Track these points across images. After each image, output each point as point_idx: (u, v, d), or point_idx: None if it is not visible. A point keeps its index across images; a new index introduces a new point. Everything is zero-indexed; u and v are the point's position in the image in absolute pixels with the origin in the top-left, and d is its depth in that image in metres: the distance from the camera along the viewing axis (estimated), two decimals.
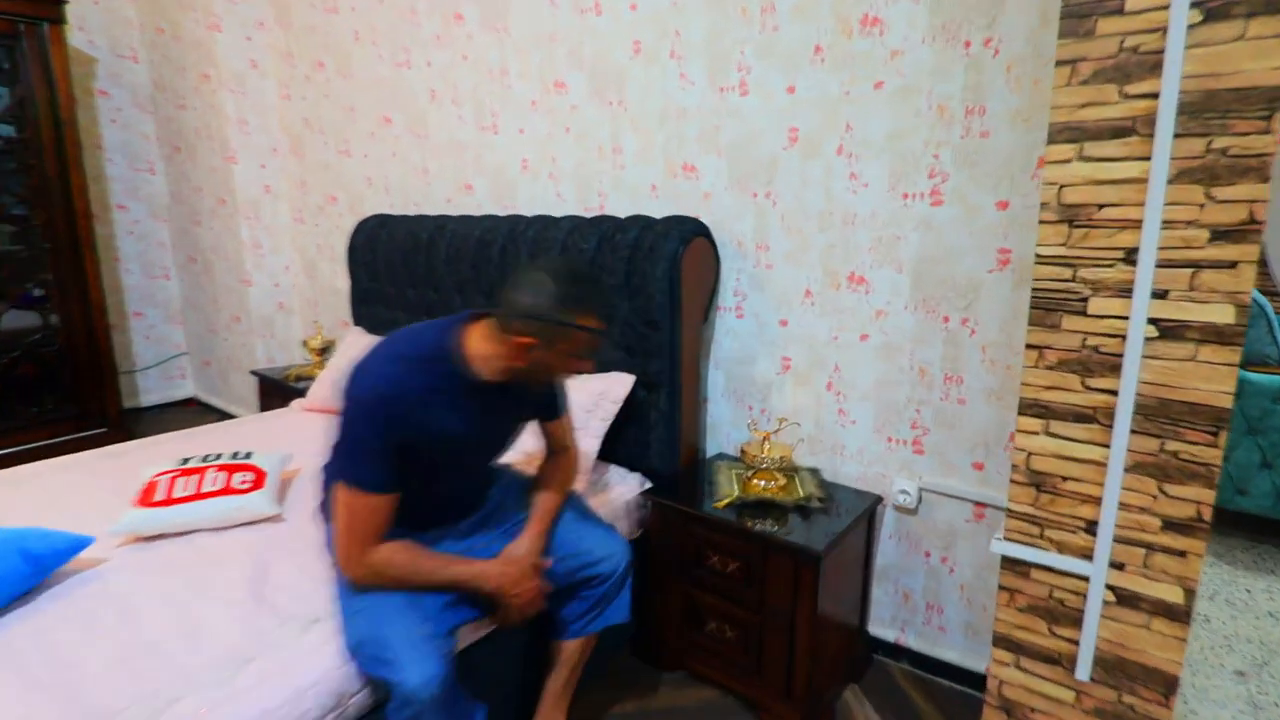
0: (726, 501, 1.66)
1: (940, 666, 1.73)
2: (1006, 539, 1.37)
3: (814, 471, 1.83)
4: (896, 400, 1.70)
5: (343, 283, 3.11)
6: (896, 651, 1.80)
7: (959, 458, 1.63)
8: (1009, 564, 1.38)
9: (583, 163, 2.17)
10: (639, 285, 1.80)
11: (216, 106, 3.33)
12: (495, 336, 1.15)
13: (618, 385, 1.82)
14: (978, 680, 1.67)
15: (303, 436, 2.03)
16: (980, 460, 1.61)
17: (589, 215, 2.06)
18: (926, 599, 1.75)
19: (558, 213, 2.21)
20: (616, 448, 1.88)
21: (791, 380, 1.87)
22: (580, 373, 1.22)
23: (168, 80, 3.65)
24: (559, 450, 1.47)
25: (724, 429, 2.04)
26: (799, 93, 1.71)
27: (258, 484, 1.56)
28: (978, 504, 1.62)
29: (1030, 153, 1.44)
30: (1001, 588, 1.39)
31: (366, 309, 2.69)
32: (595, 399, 1.81)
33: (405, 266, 2.46)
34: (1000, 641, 1.39)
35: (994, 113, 1.47)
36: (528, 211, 2.34)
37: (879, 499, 1.73)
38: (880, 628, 1.83)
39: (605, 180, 2.13)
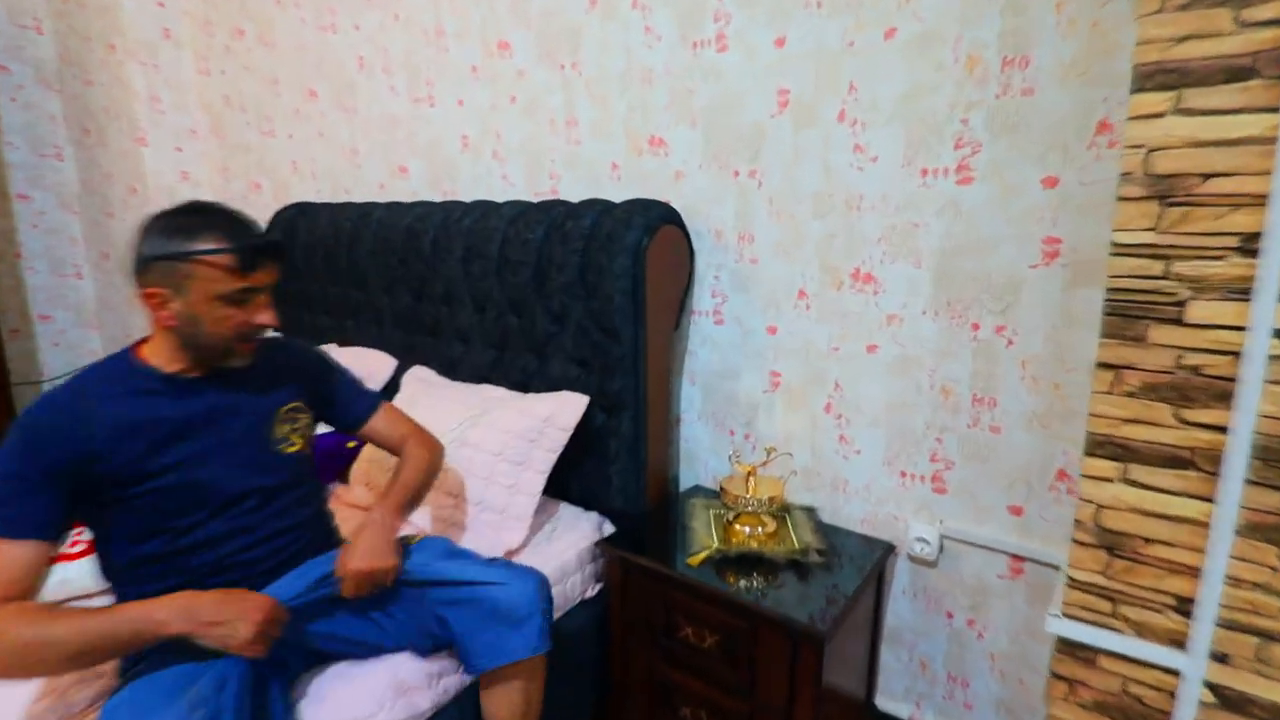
0: (703, 556, 1.33)
1: None
2: (1066, 615, 1.05)
3: (810, 511, 1.50)
4: (913, 426, 1.38)
5: None
6: None
7: (991, 499, 1.31)
8: (1068, 647, 1.06)
9: (531, 138, 1.82)
10: (595, 284, 1.45)
11: (124, 81, 2.91)
12: (142, 308, 0.98)
13: (567, 408, 1.48)
14: None
15: None
16: (1018, 503, 1.29)
17: (538, 200, 1.71)
18: (948, 669, 1.42)
19: (502, 197, 1.86)
20: (569, 483, 1.54)
21: (782, 400, 1.54)
22: (260, 325, 1.01)
23: (74, 52, 3.22)
24: (401, 443, 1.27)
25: (702, 456, 1.71)
26: (790, 46, 1.38)
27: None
28: (1015, 556, 1.31)
29: (1088, 114, 1.12)
30: (1056, 676, 1.07)
31: (285, 313, 2.30)
32: (539, 425, 1.46)
33: (326, 262, 2.09)
34: None
35: (1040, 65, 1.15)
36: (469, 197, 1.98)
37: (891, 548, 1.40)
38: (891, 701, 1.51)
39: (558, 158, 1.78)
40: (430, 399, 1.59)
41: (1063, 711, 1.08)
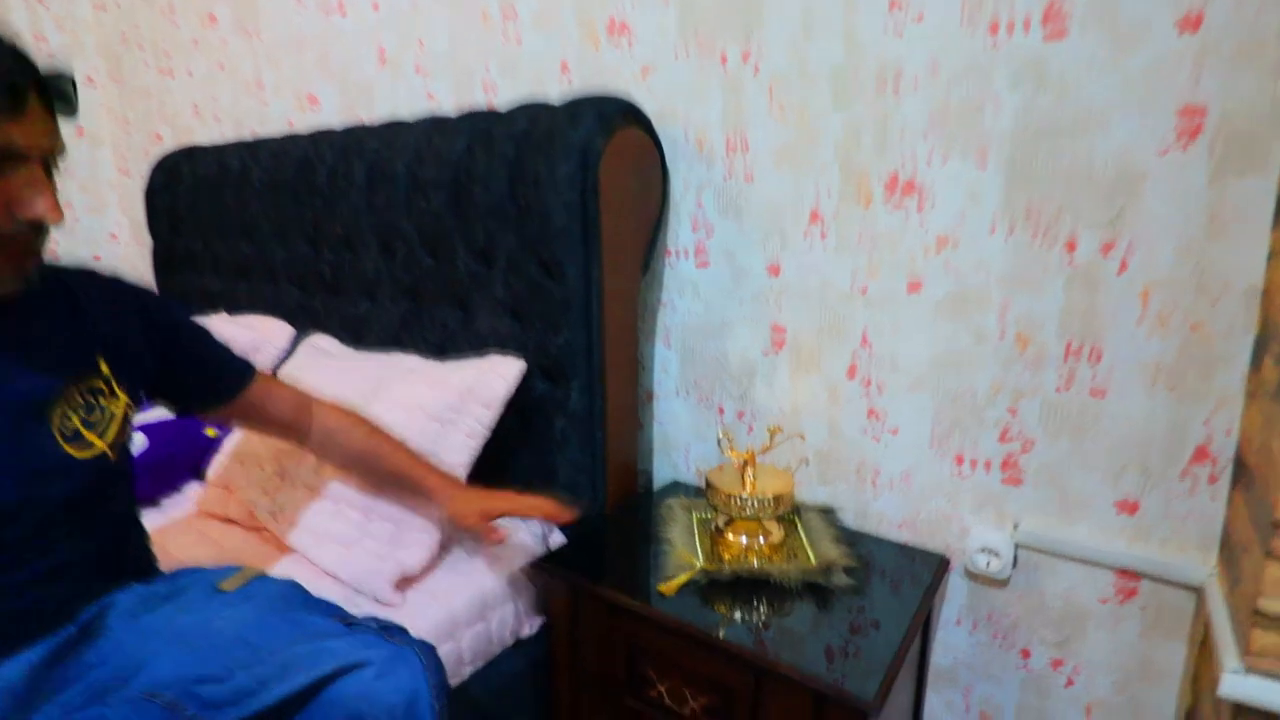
0: (683, 580, 0.93)
1: None
2: (1252, 671, 0.67)
3: (828, 514, 1.11)
4: (973, 391, 0.99)
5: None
6: None
7: (1090, 490, 0.93)
8: (1256, 718, 0.68)
9: (461, 41, 1.42)
10: (530, 200, 1.05)
11: (4, 19, 2.46)
12: None
13: (494, 377, 1.07)
14: None
15: None
16: (1132, 496, 0.90)
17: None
18: None
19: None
20: (502, 480, 1.13)
21: (789, 363, 1.15)
22: (29, 220, 0.62)
23: None
24: (301, 413, 0.94)
25: (682, 442, 1.31)
26: None
27: None
28: (1125, 572, 0.92)
29: None
30: None
31: (171, 277, 1.88)
32: (455, 401, 1.05)
33: (212, 211, 1.67)
34: None
35: None
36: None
37: (944, 562, 1.02)
38: None
39: (493, 64, 1.38)
40: (318, 375, 1.18)
41: None
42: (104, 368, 0.73)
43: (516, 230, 1.08)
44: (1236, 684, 0.66)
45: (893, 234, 1.01)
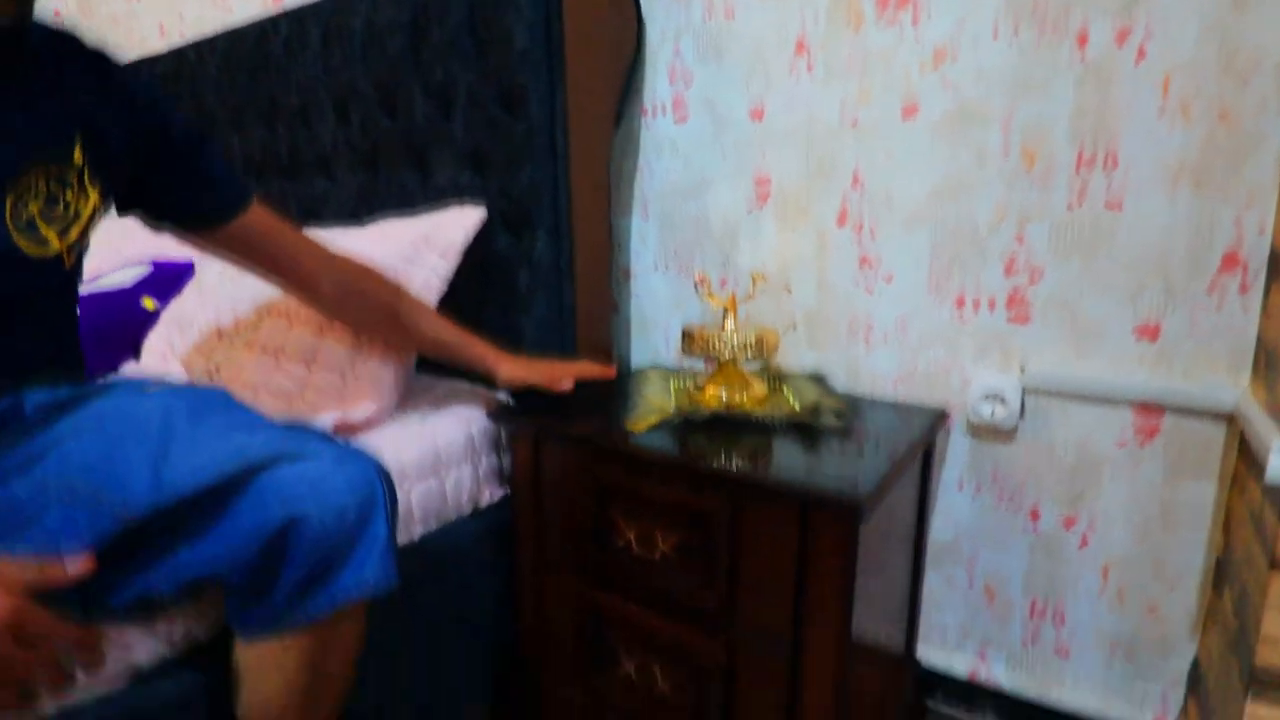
0: (653, 421, 0.84)
1: (1059, 719, 0.93)
2: None
3: (818, 380, 1.02)
4: (974, 220, 0.90)
5: None
6: (971, 694, 1.00)
7: (1105, 316, 0.84)
8: None
9: None
10: (489, 28, 0.96)
11: None
12: None
13: (450, 225, 0.98)
14: None
15: None
16: (1152, 319, 0.81)
17: None
18: (1032, 595, 0.95)
19: None
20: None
21: (774, 216, 1.06)
22: None
23: None
24: (303, 257, 0.79)
25: (660, 322, 1.22)
26: None
27: None
28: (1146, 407, 0.83)
29: None
30: (1277, 565, 0.61)
31: None
32: (409, 250, 0.96)
33: None
34: (1269, 691, 0.59)
35: None
36: None
37: (941, 414, 0.92)
38: (940, 651, 1.03)
39: None
40: None
41: None
42: (78, 156, 0.61)
43: (477, 63, 0.99)
44: None
45: (886, 53, 0.92)
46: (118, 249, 1.34)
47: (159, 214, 0.73)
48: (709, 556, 0.74)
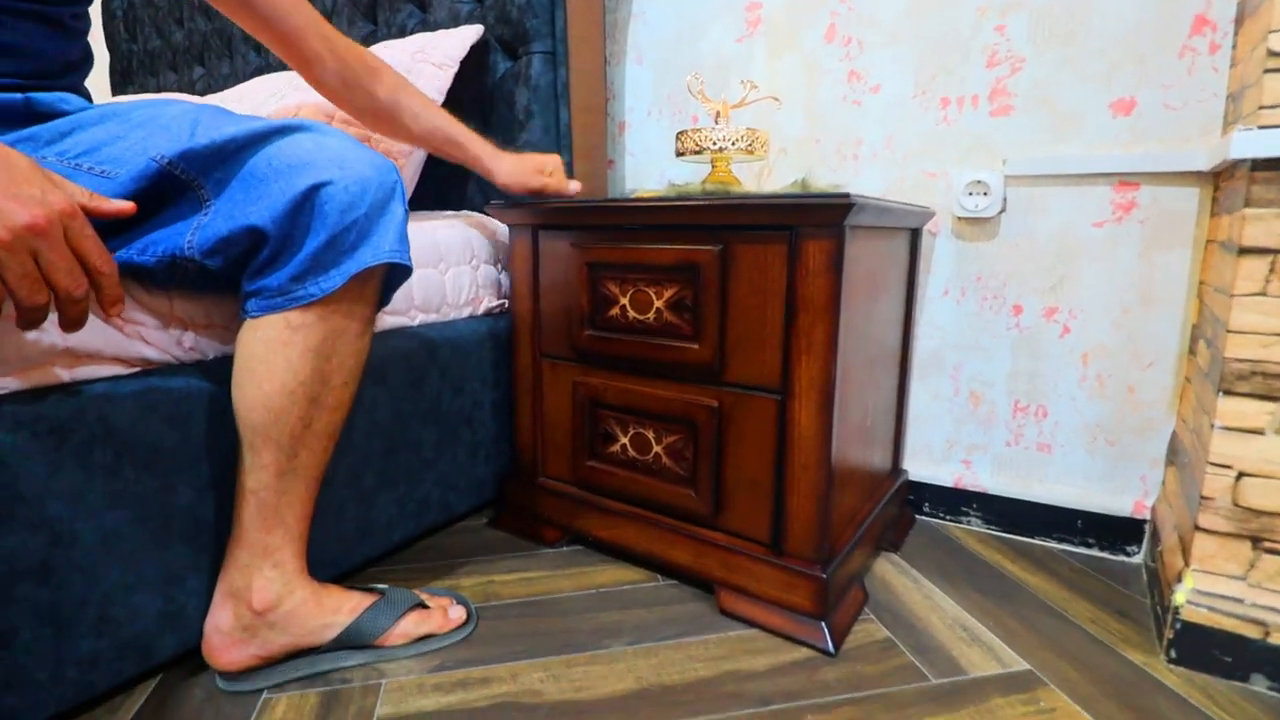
0: (654, 192, 0.86)
1: (1041, 513, 0.95)
2: (1265, 129, 0.61)
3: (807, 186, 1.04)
4: (957, 21, 0.93)
5: None
6: (956, 501, 1.02)
7: (1082, 98, 0.87)
8: (1271, 187, 0.62)
9: None
10: None
11: None
12: None
13: (448, 38, 1.01)
14: (1123, 527, 0.90)
15: None
16: (1127, 92, 0.84)
17: None
18: (1015, 395, 0.97)
19: None
20: (462, 184, 1.06)
21: (765, 44, 1.08)
22: None
23: None
24: (303, 23, 0.74)
25: (657, 169, 1.24)
26: None
27: None
28: (1123, 182, 0.86)
29: None
30: (1246, 253, 0.64)
31: (127, 90, 1.80)
32: (407, 60, 0.99)
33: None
34: (1238, 384, 0.63)
35: None
36: None
37: (927, 216, 0.95)
38: (926, 463, 1.05)
39: None
40: (257, 97, 1.10)
41: (1254, 316, 0.63)
42: None
43: None
44: (1246, 140, 0.60)
45: None
46: None
47: None
48: (701, 308, 0.76)
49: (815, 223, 0.68)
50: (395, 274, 0.67)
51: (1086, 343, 0.91)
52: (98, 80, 2.32)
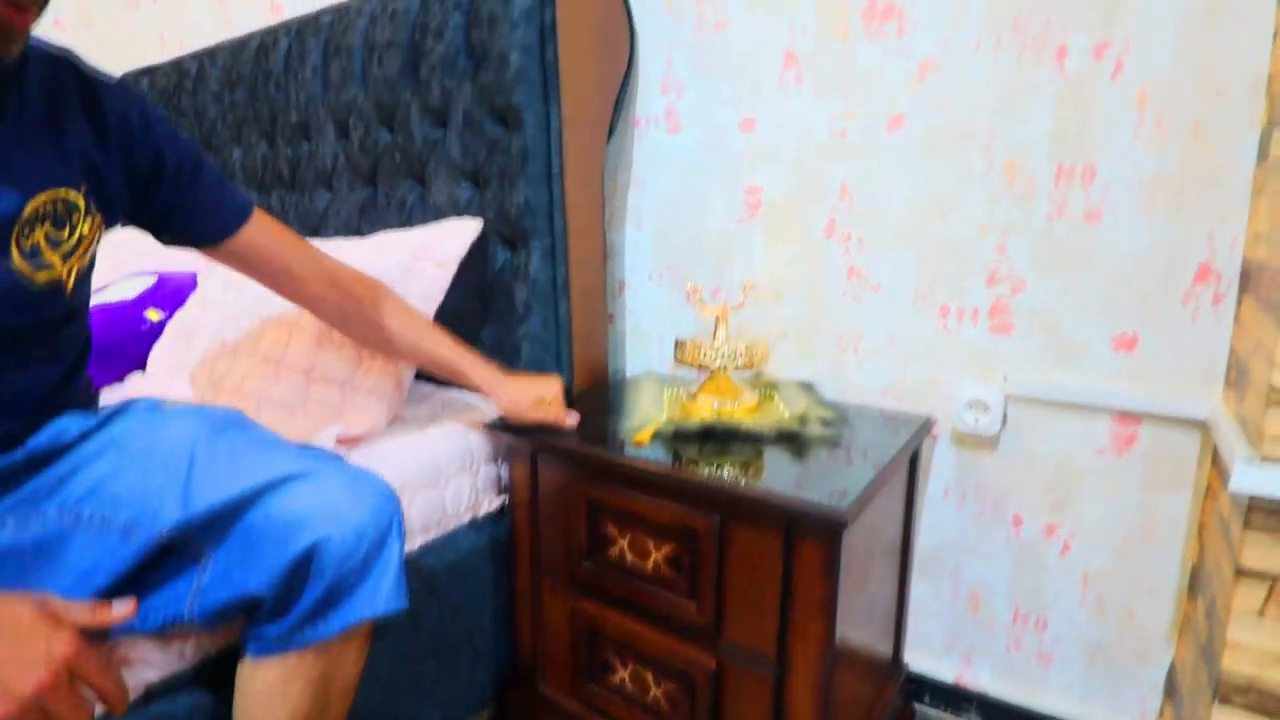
0: (652, 429, 0.86)
1: None
2: (1267, 459, 0.60)
3: (807, 387, 1.04)
4: (959, 234, 0.92)
5: None
6: (957, 699, 1.02)
7: (1084, 329, 0.86)
8: (1271, 515, 0.61)
9: None
10: (484, 47, 0.98)
11: None
12: None
13: (447, 236, 1.01)
14: None
15: None
16: (1129, 329, 0.83)
17: None
18: (1016, 603, 0.97)
19: None
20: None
21: (765, 228, 1.08)
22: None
23: None
24: (309, 273, 0.80)
25: (656, 333, 1.24)
26: None
27: None
28: (1124, 416, 0.85)
29: None
30: (1244, 574, 0.63)
31: None
32: (407, 262, 0.98)
33: (172, 120, 1.60)
34: (1234, 696, 0.62)
35: None
36: None
37: (928, 422, 0.94)
38: (929, 659, 1.05)
39: None
40: None
41: (1251, 635, 0.63)
42: (79, 189, 0.61)
43: (472, 79, 1.01)
44: (1250, 477, 0.59)
45: (872, 67, 0.94)
46: (122, 261, 1.36)
47: (159, 233, 0.74)
48: (698, 572, 0.76)
49: (811, 526, 0.68)
50: None
51: (1087, 564, 0.91)
52: None
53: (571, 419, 0.89)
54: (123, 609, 0.53)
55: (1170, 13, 0.75)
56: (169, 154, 0.68)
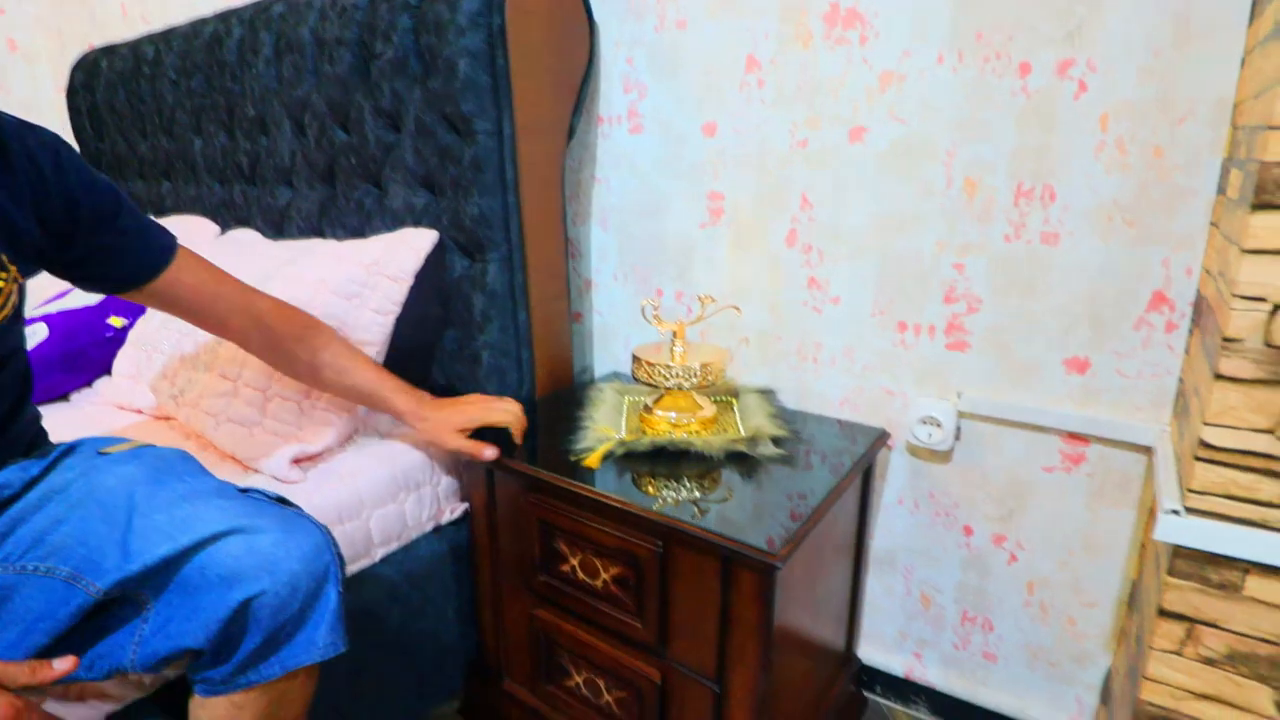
0: (602, 451, 0.87)
1: (985, 716, 1.00)
2: (1192, 511, 0.61)
3: (766, 395, 1.04)
4: (919, 251, 0.91)
5: None
6: (906, 690, 1.07)
7: (1038, 350, 0.86)
8: (1195, 564, 0.62)
9: None
10: (433, 53, 0.95)
11: None
12: None
13: (402, 249, 0.99)
14: None
15: None
16: (1081, 353, 0.83)
17: None
18: (963, 605, 1.00)
19: None
20: (412, 367, 1.06)
21: (727, 236, 1.06)
22: None
23: None
24: (237, 305, 0.80)
25: (623, 333, 1.24)
26: None
27: None
28: (1073, 436, 0.86)
29: None
30: (1167, 615, 0.64)
31: None
32: (363, 275, 0.98)
33: (131, 106, 1.56)
34: None
35: None
36: None
37: (883, 435, 0.95)
38: (879, 651, 1.09)
39: None
40: (230, 261, 1.09)
41: (1169, 670, 0.65)
42: None
43: (423, 86, 0.98)
44: (1169, 527, 0.60)
45: (834, 75, 0.91)
46: None
47: (76, 280, 0.72)
48: (643, 593, 0.79)
49: (745, 563, 0.70)
50: None
51: (1031, 573, 0.93)
52: None
53: (489, 452, 0.88)
54: (63, 665, 0.55)
55: (1137, 34, 0.72)
56: (84, 199, 0.66)
